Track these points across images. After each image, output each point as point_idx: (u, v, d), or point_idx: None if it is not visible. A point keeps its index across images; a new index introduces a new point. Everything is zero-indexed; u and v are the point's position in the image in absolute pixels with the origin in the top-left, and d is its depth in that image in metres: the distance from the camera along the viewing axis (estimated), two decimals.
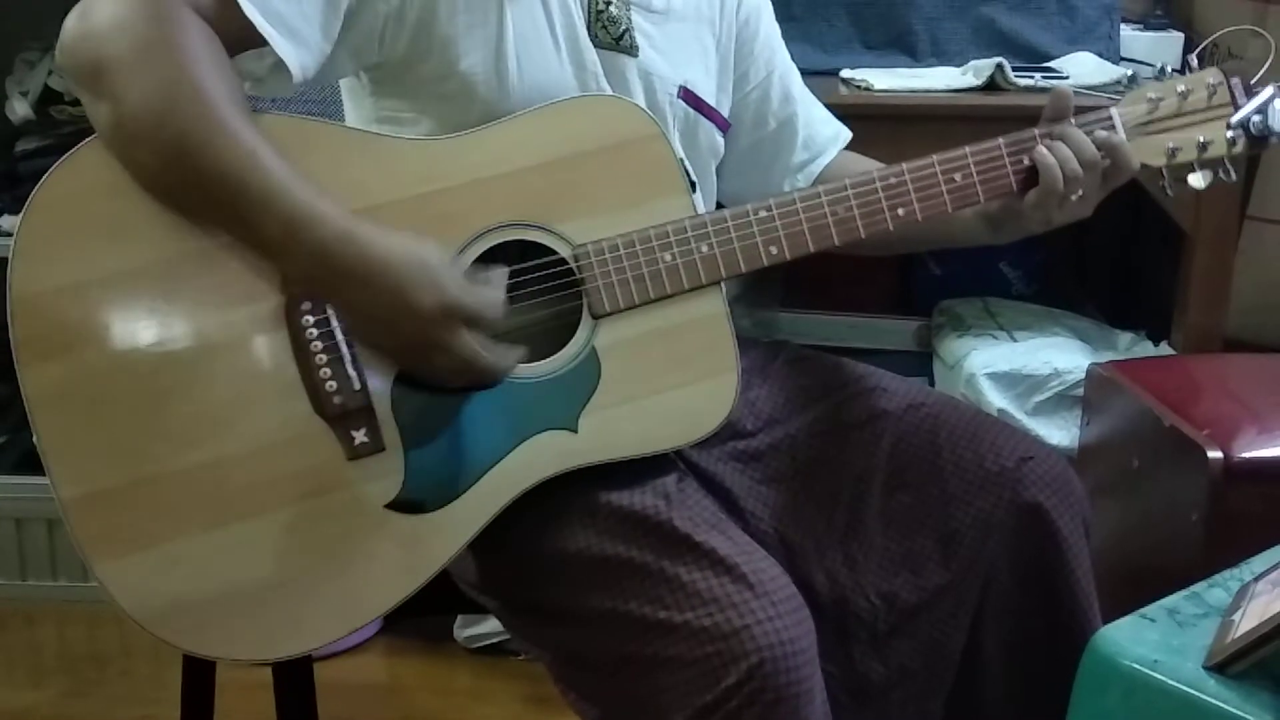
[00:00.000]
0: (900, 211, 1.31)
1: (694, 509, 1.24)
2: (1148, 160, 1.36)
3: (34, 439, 1.13)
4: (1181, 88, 1.36)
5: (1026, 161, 1.32)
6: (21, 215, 1.14)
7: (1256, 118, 1.35)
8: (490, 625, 2.20)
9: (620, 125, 1.29)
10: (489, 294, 1.19)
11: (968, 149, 1.33)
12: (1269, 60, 1.95)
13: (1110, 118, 1.35)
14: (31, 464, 2.41)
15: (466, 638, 2.23)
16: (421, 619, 1.22)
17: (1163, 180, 1.38)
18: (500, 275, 1.20)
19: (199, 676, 1.44)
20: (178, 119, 1.11)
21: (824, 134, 1.53)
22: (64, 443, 1.13)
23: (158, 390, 1.15)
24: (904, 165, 1.32)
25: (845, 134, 1.55)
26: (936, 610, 1.32)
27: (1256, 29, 2.05)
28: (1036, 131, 1.34)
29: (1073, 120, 1.34)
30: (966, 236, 1.42)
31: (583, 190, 1.26)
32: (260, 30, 1.17)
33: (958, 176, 1.32)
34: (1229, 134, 1.36)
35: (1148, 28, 2.31)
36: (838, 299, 2.36)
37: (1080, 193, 1.32)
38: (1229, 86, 1.36)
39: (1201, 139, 1.36)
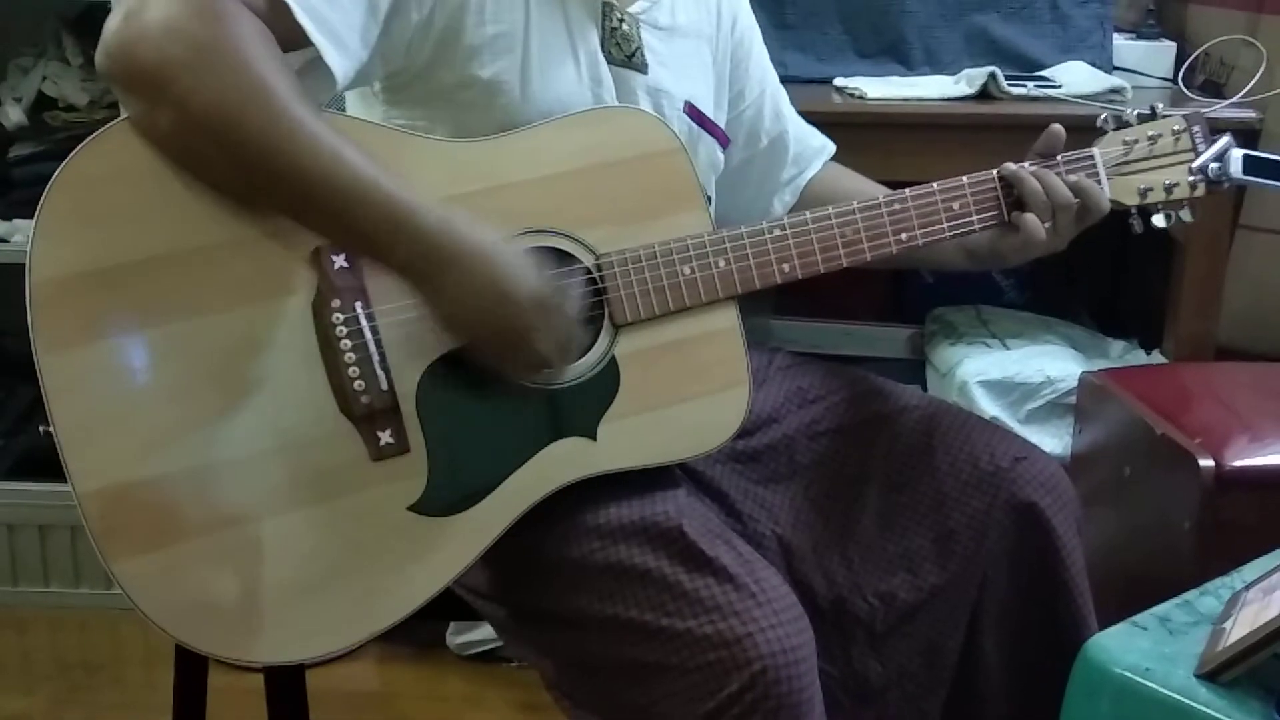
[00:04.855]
0: (903, 236, 1.34)
1: (700, 519, 1.24)
2: (1122, 199, 1.41)
3: (50, 430, 1.10)
4: (1151, 132, 1.41)
5: (1017, 193, 1.36)
6: (44, 196, 1.11)
7: (1214, 164, 1.41)
8: (483, 632, 2.20)
9: (642, 138, 1.30)
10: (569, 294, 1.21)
11: (965, 178, 1.36)
12: (1260, 70, 1.96)
13: (1092, 157, 1.39)
14: (25, 469, 2.41)
15: (459, 645, 2.23)
16: (414, 625, 1.21)
17: (1132, 218, 1.43)
18: (573, 286, 1.22)
19: (191, 683, 1.43)
20: (252, 122, 1.08)
21: (811, 146, 1.56)
22: (82, 435, 1.10)
23: (178, 383, 1.13)
24: (907, 192, 1.35)
25: (830, 146, 1.57)
26: (934, 610, 1.33)
27: (1248, 39, 2.07)
28: (1027, 164, 1.37)
29: (1060, 157, 1.37)
30: (945, 261, 1.45)
31: (605, 200, 1.27)
32: (310, 37, 1.14)
33: (955, 205, 1.35)
34: (1190, 178, 1.42)
35: (1140, 37, 2.31)
36: (831, 306, 2.36)
37: (1050, 224, 1.35)
38: (1190, 134, 1.42)
39: (1167, 181, 1.41)
